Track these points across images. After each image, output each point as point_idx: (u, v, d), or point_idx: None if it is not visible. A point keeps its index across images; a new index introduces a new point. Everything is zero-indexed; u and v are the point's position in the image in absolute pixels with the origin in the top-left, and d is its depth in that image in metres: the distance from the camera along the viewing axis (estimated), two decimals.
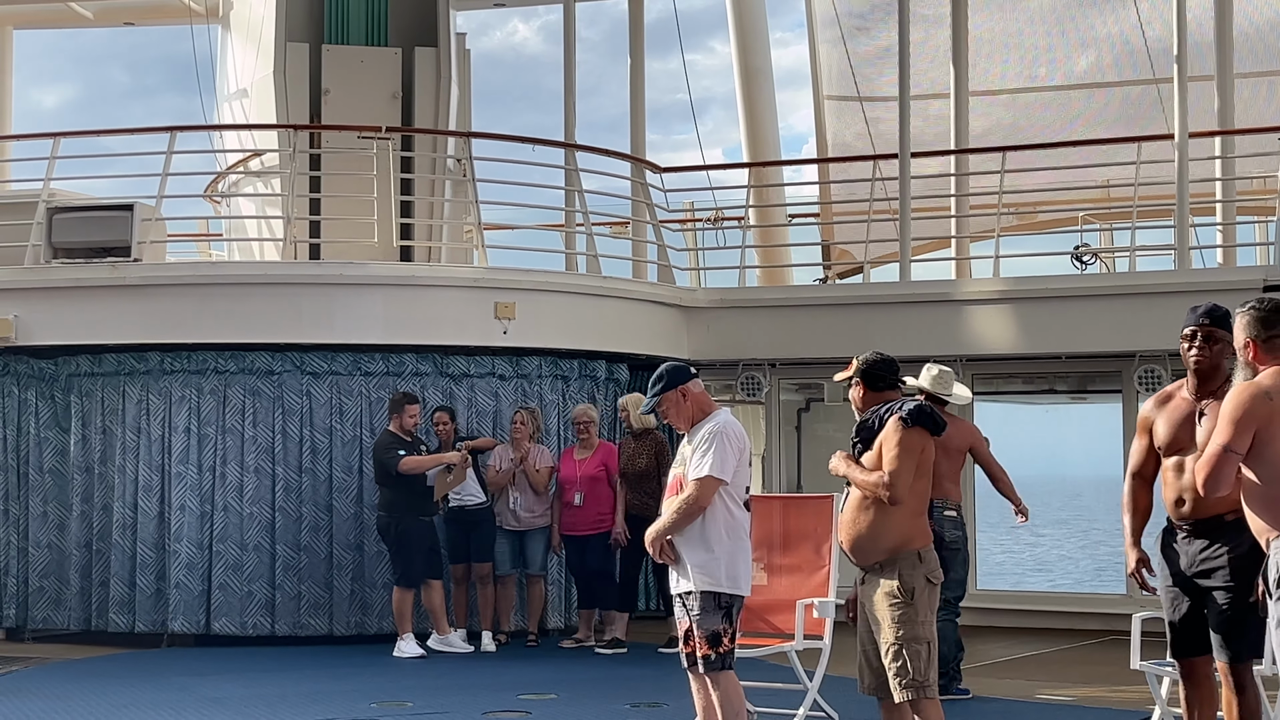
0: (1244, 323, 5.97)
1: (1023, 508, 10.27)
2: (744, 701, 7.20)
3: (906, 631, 6.70)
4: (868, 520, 6.82)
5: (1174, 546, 6.65)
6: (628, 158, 15.41)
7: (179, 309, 12.96)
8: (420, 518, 12.47)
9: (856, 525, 6.86)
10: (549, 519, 12.95)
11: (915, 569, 6.76)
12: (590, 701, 10.05)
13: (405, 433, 12.50)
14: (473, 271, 13.73)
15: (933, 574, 6.81)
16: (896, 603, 6.72)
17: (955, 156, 15.63)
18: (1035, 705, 10.01)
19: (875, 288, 15.26)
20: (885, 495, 6.70)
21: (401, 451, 12.32)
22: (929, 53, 18.27)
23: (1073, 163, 16.87)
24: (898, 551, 6.77)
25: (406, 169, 14.28)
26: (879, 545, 6.80)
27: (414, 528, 12.40)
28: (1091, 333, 13.43)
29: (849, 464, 6.92)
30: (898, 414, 6.81)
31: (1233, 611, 6.39)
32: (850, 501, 6.93)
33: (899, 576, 6.74)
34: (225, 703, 10.08)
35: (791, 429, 15.97)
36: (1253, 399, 5.75)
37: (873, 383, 7.05)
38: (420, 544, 12.44)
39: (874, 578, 6.83)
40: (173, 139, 13.48)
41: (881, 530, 6.78)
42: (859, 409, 7.08)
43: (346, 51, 15.36)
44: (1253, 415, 5.72)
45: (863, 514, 6.84)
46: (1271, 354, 5.88)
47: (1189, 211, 13.83)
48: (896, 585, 6.73)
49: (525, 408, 13.13)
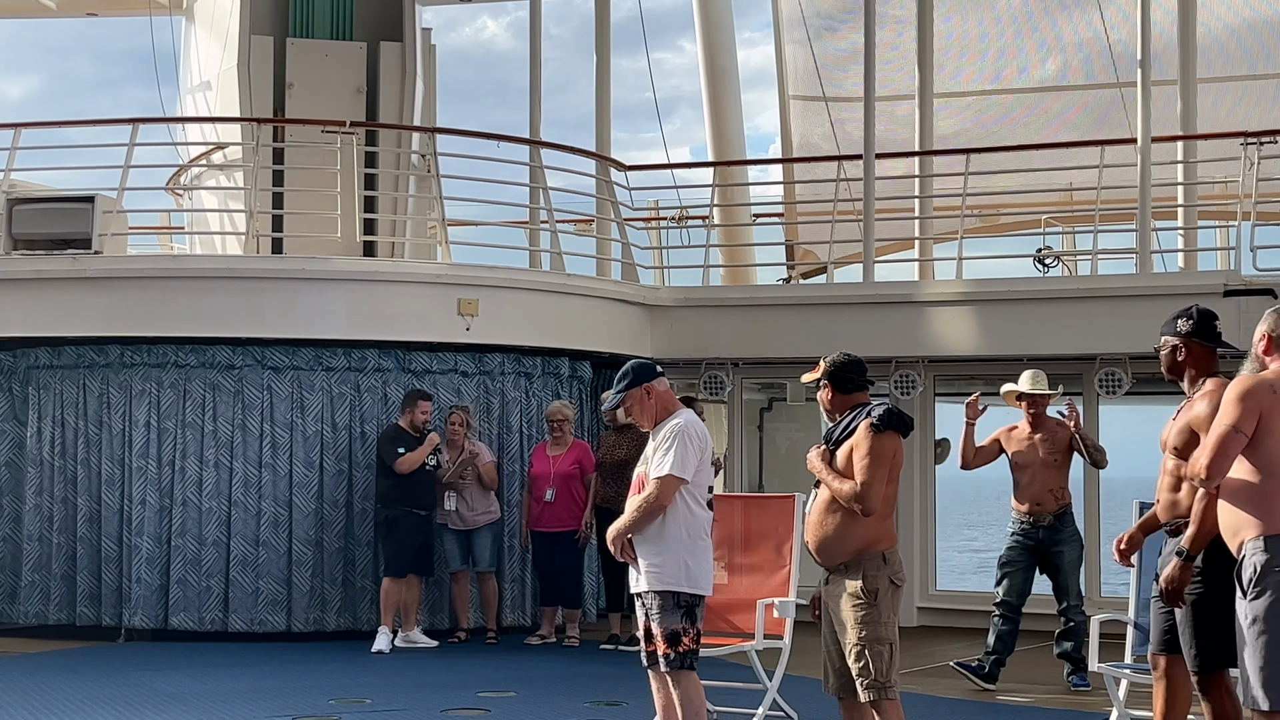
0: (1269, 318, 6.14)
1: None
2: (705, 701, 7.19)
3: (869, 632, 6.71)
4: (835, 522, 6.81)
5: (1166, 549, 6.69)
6: (593, 155, 15.39)
7: (140, 302, 12.88)
8: (415, 511, 12.53)
9: (824, 526, 6.86)
10: (494, 515, 12.93)
11: (880, 570, 6.76)
12: (550, 699, 10.03)
13: (414, 428, 12.58)
14: (436, 267, 13.69)
15: (896, 576, 6.81)
16: (860, 604, 6.72)
17: (919, 158, 15.67)
18: (993, 706, 10.04)
19: (838, 288, 15.28)
20: (858, 508, 6.69)
21: (402, 449, 12.44)
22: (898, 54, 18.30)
23: (1036, 166, 16.94)
24: (863, 553, 6.77)
25: (370, 164, 14.23)
26: (845, 546, 6.79)
27: (405, 519, 12.49)
28: (1053, 335, 13.48)
29: (825, 467, 6.88)
30: (868, 419, 6.79)
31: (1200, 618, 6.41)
32: (818, 502, 6.91)
33: (863, 577, 6.74)
34: (182, 698, 10.02)
35: (754, 428, 15.99)
36: (1258, 385, 5.91)
37: (841, 385, 7.01)
38: (410, 537, 12.50)
39: (839, 578, 6.83)
40: (135, 131, 13.40)
41: (848, 532, 6.78)
42: (828, 411, 7.06)
43: (311, 45, 15.30)
44: (1258, 401, 5.86)
45: (830, 515, 6.83)
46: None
47: (1151, 215, 13.89)
48: (860, 586, 6.73)
49: (460, 407, 13.09)
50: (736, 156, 19.66)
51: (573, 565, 12.93)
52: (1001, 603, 10.50)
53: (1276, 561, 5.77)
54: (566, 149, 15.16)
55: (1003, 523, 10.98)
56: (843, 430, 6.89)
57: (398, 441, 12.54)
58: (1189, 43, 14.43)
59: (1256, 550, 5.80)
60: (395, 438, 12.58)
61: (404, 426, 12.65)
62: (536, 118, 16.17)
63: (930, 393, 14.30)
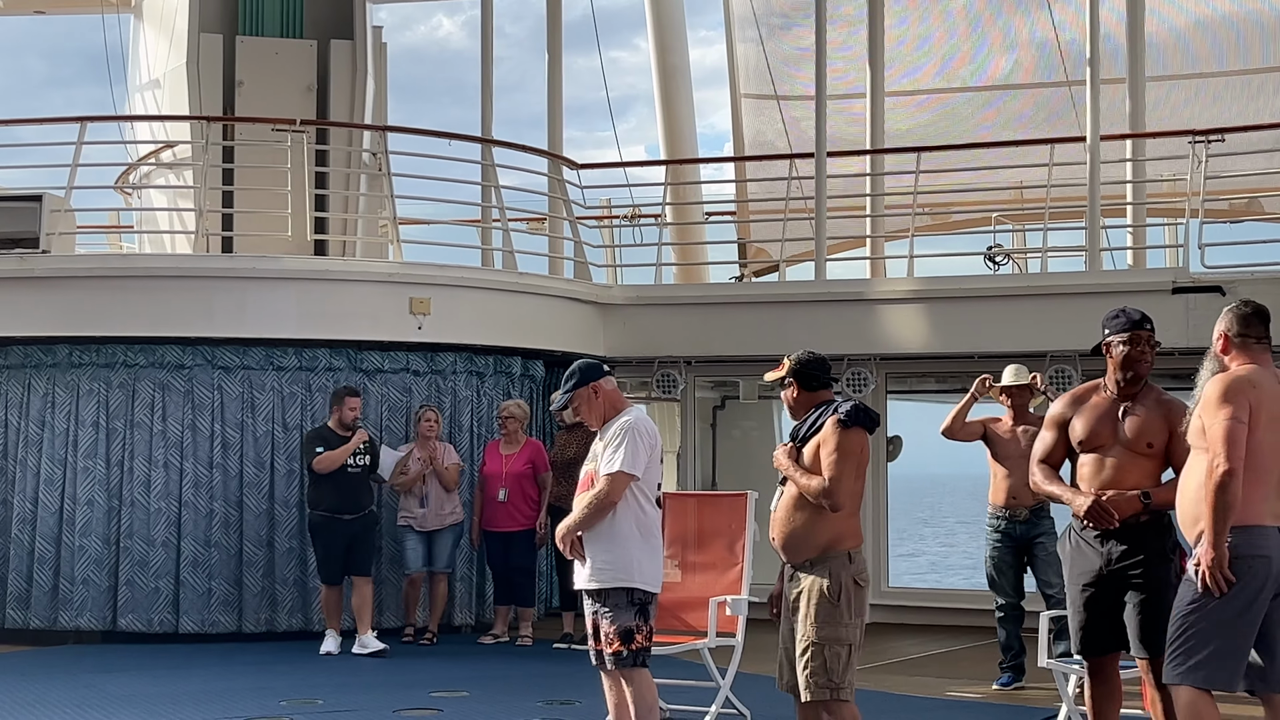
0: (1226, 317, 6.33)
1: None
2: (657, 699, 7.19)
3: (829, 632, 6.66)
4: (802, 518, 6.77)
5: (1087, 545, 6.74)
6: (544, 153, 15.37)
7: (88, 301, 12.78)
8: (338, 516, 12.19)
9: (790, 523, 6.82)
10: (458, 517, 12.89)
11: (845, 569, 6.71)
12: (503, 699, 10.01)
13: (343, 427, 12.29)
14: (387, 266, 13.64)
15: (860, 575, 6.76)
16: (822, 601, 6.68)
17: (870, 156, 15.71)
18: (945, 702, 10.08)
19: (790, 286, 15.31)
20: (826, 504, 6.67)
21: (320, 449, 12.15)
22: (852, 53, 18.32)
23: (987, 164, 17.02)
24: (829, 550, 6.73)
25: (321, 162, 14.17)
26: (811, 542, 6.76)
27: (327, 524, 12.18)
28: (1004, 332, 13.54)
29: (791, 464, 6.86)
30: (835, 416, 6.78)
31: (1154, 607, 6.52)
32: (784, 499, 6.86)
33: (828, 575, 6.70)
34: (133, 700, 9.95)
35: (707, 426, 16.00)
36: (1238, 380, 6.10)
37: (806, 382, 6.98)
38: (334, 542, 12.19)
39: (802, 575, 6.81)
40: (83, 129, 13.31)
41: (814, 528, 6.74)
42: (792, 409, 7.04)
43: (261, 43, 15.21)
44: (1244, 394, 6.04)
45: (797, 512, 6.79)
46: (1241, 351, 6.25)
47: (1100, 213, 13.98)
48: (825, 585, 6.69)
49: (431, 406, 13.02)
50: (689, 154, 19.68)
51: (528, 564, 12.91)
52: (1000, 607, 10.48)
53: (1237, 550, 5.91)
54: (518, 147, 15.14)
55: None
56: (809, 428, 6.88)
57: (318, 442, 12.21)
58: (1138, 41, 14.53)
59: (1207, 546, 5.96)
60: (317, 438, 12.27)
61: (332, 426, 12.34)
62: (488, 116, 16.15)
63: (882, 390, 14.34)
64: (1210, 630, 6.01)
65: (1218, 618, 6.00)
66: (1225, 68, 19.05)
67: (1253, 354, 6.25)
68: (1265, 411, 6.06)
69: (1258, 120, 16.79)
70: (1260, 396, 6.07)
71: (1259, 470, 6.02)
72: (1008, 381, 10.62)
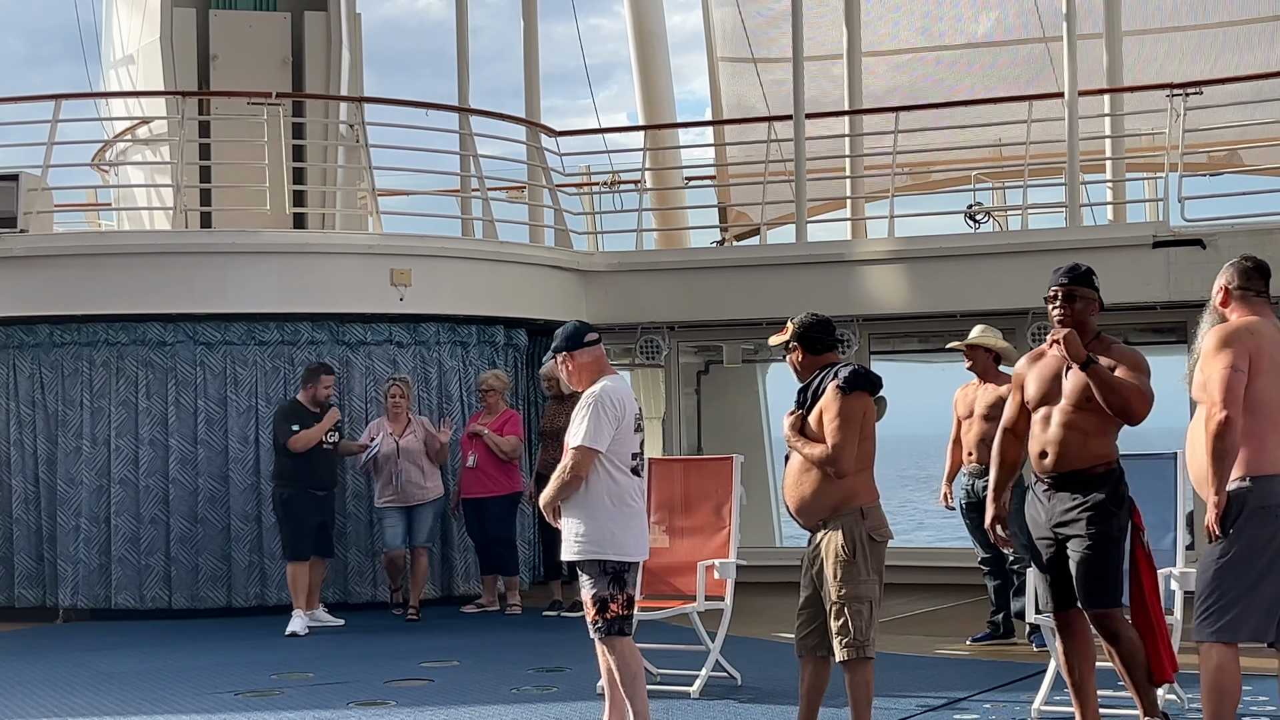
0: (1227, 271, 6.36)
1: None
2: (641, 664, 7.19)
3: (850, 590, 6.71)
4: (811, 482, 6.82)
5: (1037, 500, 6.77)
6: (522, 121, 15.31)
7: (68, 280, 12.75)
8: (311, 490, 12.16)
9: (800, 488, 6.86)
10: (440, 492, 12.87)
11: (858, 525, 6.75)
12: (493, 667, 10.03)
13: (315, 404, 12.25)
14: (368, 238, 13.61)
15: (876, 531, 6.80)
16: (839, 560, 6.72)
17: (849, 117, 15.67)
18: (933, 659, 10.12)
19: (772, 249, 15.28)
20: (830, 470, 6.71)
21: (296, 427, 12.08)
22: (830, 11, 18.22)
23: (965, 122, 16.99)
24: (840, 508, 6.77)
25: (298, 135, 14.11)
26: (822, 503, 6.80)
27: (300, 499, 12.11)
28: (985, 290, 13.55)
29: (795, 435, 6.88)
30: (835, 382, 6.78)
31: (1093, 561, 6.54)
32: (792, 465, 6.90)
33: (841, 532, 6.74)
34: (123, 678, 9.95)
35: (691, 391, 16.01)
36: (1236, 329, 6.14)
37: (811, 345, 6.98)
38: (308, 517, 12.13)
39: (818, 535, 6.84)
40: (58, 107, 13.23)
41: (823, 491, 6.79)
42: (797, 372, 7.03)
43: (234, 16, 15.12)
44: (1242, 342, 6.06)
45: (806, 475, 6.83)
46: (1241, 304, 6.28)
47: (1080, 169, 13.97)
48: (840, 543, 6.73)
49: (399, 379, 12.89)
50: (667, 120, 19.62)
51: (504, 533, 12.89)
52: (983, 560, 10.56)
53: (1260, 500, 5.92)
54: (495, 115, 15.08)
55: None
56: (813, 393, 6.89)
57: (292, 418, 12.13)
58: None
59: (1239, 489, 6.01)
60: (289, 414, 12.19)
61: (303, 402, 12.27)
62: (465, 85, 16.06)
63: (865, 351, 14.35)
64: (1238, 586, 6.02)
65: (1244, 572, 6.01)
66: (1202, 21, 19.03)
67: (1253, 307, 6.27)
68: (1267, 358, 6.07)
69: (1235, 73, 16.78)
70: (1260, 343, 6.08)
71: (1275, 418, 6.03)
72: (967, 342, 10.57)
